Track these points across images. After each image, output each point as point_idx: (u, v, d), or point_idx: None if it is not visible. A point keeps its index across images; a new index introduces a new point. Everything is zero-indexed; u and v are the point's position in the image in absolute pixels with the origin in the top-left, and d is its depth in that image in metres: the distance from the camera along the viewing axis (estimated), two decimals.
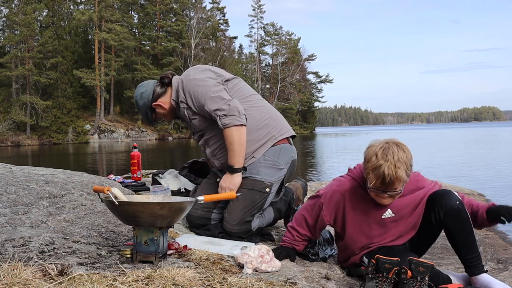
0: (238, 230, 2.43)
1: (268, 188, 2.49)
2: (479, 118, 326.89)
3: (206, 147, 2.63)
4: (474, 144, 24.85)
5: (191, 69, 2.63)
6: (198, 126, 2.58)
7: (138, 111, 2.72)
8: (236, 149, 2.40)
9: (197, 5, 55.91)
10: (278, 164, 2.53)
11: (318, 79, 68.79)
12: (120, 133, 46.89)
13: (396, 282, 1.77)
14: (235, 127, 2.38)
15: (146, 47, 53.73)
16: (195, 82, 2.49)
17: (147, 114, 2.66)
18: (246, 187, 2.47)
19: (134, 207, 1.74)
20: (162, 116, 2.68)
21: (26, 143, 41.17)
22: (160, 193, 2.63)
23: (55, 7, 46.98)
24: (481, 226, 2.14)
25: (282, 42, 65.64)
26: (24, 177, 2.99)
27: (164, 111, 2.63)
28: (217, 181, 2.63)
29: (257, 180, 2.48)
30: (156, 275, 1.55)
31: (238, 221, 2.43)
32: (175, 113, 2.66)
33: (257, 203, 2.47)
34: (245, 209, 2.44)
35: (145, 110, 2.65)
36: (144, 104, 2.63)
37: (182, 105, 2.55)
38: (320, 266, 2.11)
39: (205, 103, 2.44)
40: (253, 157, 2.50)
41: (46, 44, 42.93)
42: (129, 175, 3.88)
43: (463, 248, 1.99)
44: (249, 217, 2.45)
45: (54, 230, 2.11)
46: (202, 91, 2.45)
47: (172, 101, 2.60)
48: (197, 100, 2.47)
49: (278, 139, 2.54)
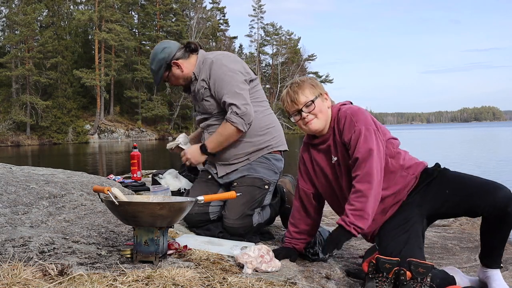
0: (239, 225, 2.44)
1: (267, 185, 2.54)
2: (479, 118, 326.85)
3: (205, 132, 2.67)
4: (474, 144, 24.84)
5: (223, 54, 2.65)
6: (206, 108, 2.61)
7: (152, 65, 2.63)
8: (220, 140, 2.52)
9: (197, 5, 55.91)
10: (274, 168, 2.61)
11: (318, 79, 68.75)
12: (120, 133, 46.86)
13: (396, 283, 1.77)
14: (237, 129, 2.46)
15: (146, 47, 53.68)
16: (225, 70, 2.53)
17: (160, 70, 2.60)
18: (246, 184, 2.51)
19: (134, 207, 1.74)
20: (174, 79, 2.64)
21: (26, 143, 41.14)
22: (160, 193, 2.63)
23: (55, 7, 46.94)
24: None
25: (282, 42, 65.60)
26: (24, 177, 2.99)
27: (180, 73, 2.61)
28: (209, 178, 2.67)
29: (257, 178, 2.53)
30: (156, 275, 1.55)
31: (239, 215, 2.44)
32: (187, 82, 2.65)
33: (257, 198, 2.51)
34: (245, 204, 2.47)
35: (161, 65, 2.60)
36: (163, 58, 2.59)
37: (202, 83, 2.57)
38: (320, 266, 2.11)
39: (226, 93, 2.48)
40: (247, 159, 2.57)
41: (46, 44, 42.90)
42: (129, 175, 3.88)
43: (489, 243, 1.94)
44: (249, 211, 2.47)
45: (54, 230, 2.11)
46: (230, 81, 2.50)
47: (192, 73, 2.61)
48: (220, 86, 2.50)
49: (274, 149, 2.63)
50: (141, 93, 49.34)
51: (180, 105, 49.63)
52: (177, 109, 49.86)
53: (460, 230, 3.39)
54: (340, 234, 1.93)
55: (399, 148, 2.09)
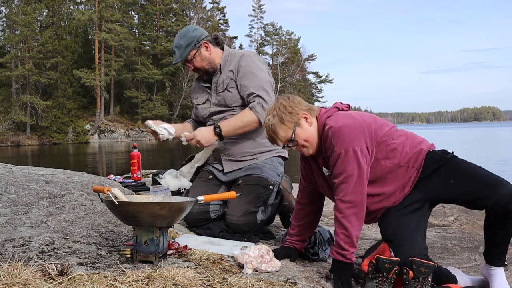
0: (244, 222, 2.44)
1: (272, 186, 2.56)
2: (479, 118, 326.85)
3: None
4: (474, 143, 24.86)
5: (251, 52, 2.71)
6: (226, 100, 2.60)
7: (181, 40, 2.57)
8: (237, 126, 2.51)
9: (197, 5, 55.91)
10: (277, 170, 2.65)
11: (318, 79, 68.77)
12: (120, 133, 46.87)
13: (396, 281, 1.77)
14: (258, 120, 2.49)
15: (146, 47, 53.70)
16: (254, 66, 2.58)
17: (189, 46, 2.56)
18: (251, 182, 2.52)
19: (134, 207, 1.74)
20: (199, 60, 2.60)
21: (26, 143, 41.15)
22: (160, 193, 2.63)
23: (55, 7, 46.94)
24: None
25: (282, 42, 65.59)
26: (24, 177, 2.99)
27: (207, 55, 2.61)
28: (209, 178, 2.67)
29: (262, 177, 2.55)
30: (156, 275, 1.55)
31: (243, 212, 2.45)
32: (210, 69, 2.63)
33: (262, 197, 2.52)
34: (250, 201, 2.48)
35: (192, 41, 2.57)
36: (196, 36, 2.58)
37: (228, 73, 2.59)
38: (320, 266, 2.11)
39: (254, 86, 2.51)
40: (255, 158, 2.60)
41: (46, 44, 42.90)
42: (129, 175, 3.88)
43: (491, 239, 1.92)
44: (254, 208, 2.48)
45: (54, 230, 2.11)
46: (258, 76, 2.55)
47: (218, 63, 2.62)
48: (248, 79, 2.54)
49: (280, 153, 2.69)
50: (141, 93, 49.35)
51: (180, 105, 49.64)
52: (177, 109, 49.87)
53: (460, 230, 3.39)
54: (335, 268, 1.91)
55: (395, 140, 1.99)
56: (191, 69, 2.64)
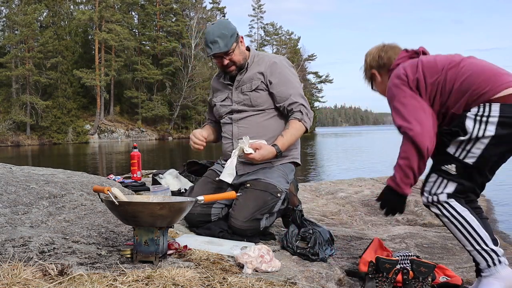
0: (247, 227, 2.41)
1: (280, 193, 2.51)
2: None
3: (234, 125, 2.63)
4: None
5: (281, 57, 2.70)
6: (253, 100, 2.58)
7: (224, 31, 2.51)
8: (292, 141, 2.53)
9: (197, 5, 55.94)
10: (286, 177, 2.61)
11: (318, 79, 68.88)
12: (120, 133, 46.89)
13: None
14: (306, 129, 2.55)
15: (146, 47, 53.74)
16: (289, 72, 2.61)
17: (233, 37, 2.52)
18: (259, 188, 2.48)
19: (134, 207, 1.74)
20: (237, 54, 2.56)
21: (26, 143, 41.17)
22: (160, 193, 2.63)
23: (55, 7, 46.95)
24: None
25: (282, 42, 65.65)
26: (24, 177, 2.99)
27: (243, 49, 2.60)
28: (215, 180, 2.63)
29: (270, 184, 2.51)
30: (156, 275, 1.55)
31: (248, 218, 2.41)
32: (240, 65, 2.60)
33: (269, 205, 2.47)
34: (256, 208, 2.44)
35: (234, 33, 2.53)
36: (235, 29, 2.56)
37: (258, 76, 2.57)
38: (320, 266, 2.11)
39: (294, 93, 2.54)
40: (270, 163, 2.56)
41: (46, 44, 42.93)
42: (129, 175, 3.88)
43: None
44: (259, 215, 2.45)
45: (54, 230, 2.11)
46: (295, 84, 2.59)
47: (245, 61, 2.61)
48: (286, 85, 2.55)
49: (295, 160, 2.69)
50: (141, 93, 49.39)
51: (180, 105, 49.65)
52: (177, 109, 49.88)
53: None
54: (388, 195, 1.90)
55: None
56: (225, 63, 2.55)
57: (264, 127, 2.59)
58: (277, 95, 2.56)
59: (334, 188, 4.92)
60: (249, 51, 2.66)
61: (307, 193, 4.65)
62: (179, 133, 50.63)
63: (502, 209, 4.94)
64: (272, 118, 2.61)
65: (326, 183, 5.36)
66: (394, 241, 2.85)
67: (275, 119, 2.62)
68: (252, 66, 2.61)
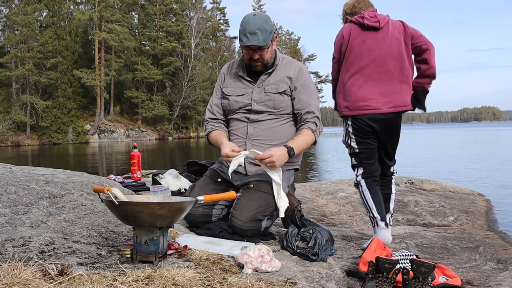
0: (249, 228, 2.41)
1: None
2: (479, 118, 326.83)
3: (250, 125, 2.62)
4: (474, 144, 24.85)
5: (302, 64, 2.72)
6: (276, 103, 2.58)
7: (265, 25, 2.46)
8: (303, 148, 2.56)
9: (197, 5, 55.90)
10: (288, 181, 2.65)
11: (318, 79, 68.86)
12: (120, 133, 46.89)
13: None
14: (315, 140, 2.59)
15: (146, 47, 53.74)
16: (311, 80, 2.69)
17: (271, 35, 2.48)
18: (263, 190, 2.48)
19: (134, 207, 1.74)
20: (269, 52, 2.53)
21: (26, 143, 41.16)
22: (160, 193, 2.63)
23: (55, 7, 46.94)
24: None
25: (282, 42, 65.64)
26: (24, 177, 2.99)
27: (274, 48, 2.60)
28: (218, 181, 2.63)
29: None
30: (156, 275, 1.55)
31: (250, 218, 2.41)
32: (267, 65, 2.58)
33: (271, 207, 2.48)
34: (258, 209, 2.44)
35: (272, 29, 2.50)
36: (273, 27, 2.55)
37: (286, 79, 2.59)
38: (320, 266, 2.11)
39: (313, 104, 2.59)
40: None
41: (46, 44, 42.92)
42: (129, 175, 3.88)
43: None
44: (260, 216, 2.45)
45: (54, 230, 2.11)
46: (315, 93, 2.65)
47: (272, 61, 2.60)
48: (308, 95, 2.59)
49: (296, 167, 2.74)
50: (141, 93, 49.38)
51: (180, 105, 49.65)
52: (177, 109, 49.88)
53: (460, 230, 3.39)
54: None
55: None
56: (255, 57, 2.49)
57: (278, 132, 2.61)
58: (298, 101, 2.57)
59: (334, 188, 4.92)
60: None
61: (307, 193, 4.65)
62: (179, 133, 50.64)
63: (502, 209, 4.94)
64: (286, 124, 2.63)
65: (326, 183, 5.36)
66: (394, 241, 2.85)
67: (289, 125, 2.64)
68: (279, 68, 2.61)
